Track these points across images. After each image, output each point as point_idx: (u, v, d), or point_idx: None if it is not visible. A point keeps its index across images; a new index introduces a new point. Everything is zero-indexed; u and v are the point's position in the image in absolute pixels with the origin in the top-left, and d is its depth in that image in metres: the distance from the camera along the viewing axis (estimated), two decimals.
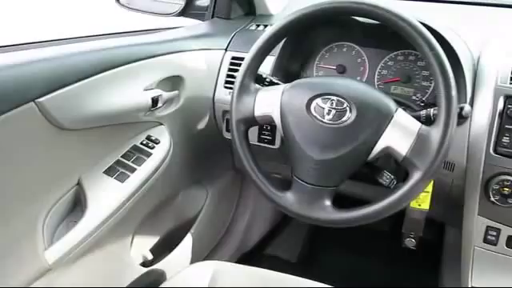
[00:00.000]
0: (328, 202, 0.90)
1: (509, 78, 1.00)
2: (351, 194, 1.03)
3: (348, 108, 0.89)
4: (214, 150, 1.41)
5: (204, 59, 1.26)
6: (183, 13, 1.44)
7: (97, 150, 1.06)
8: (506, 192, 0.98)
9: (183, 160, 1.28)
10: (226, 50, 1.28)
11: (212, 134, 1.32)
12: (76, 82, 0.91)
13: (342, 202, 0.92)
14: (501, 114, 0.99)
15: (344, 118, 0.88)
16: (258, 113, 0.96)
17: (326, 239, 1.83)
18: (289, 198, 0.93)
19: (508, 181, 0.98)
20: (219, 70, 1.26)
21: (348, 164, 0.90)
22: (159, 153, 1.15)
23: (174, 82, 1.18)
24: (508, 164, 0.98)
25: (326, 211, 0.90)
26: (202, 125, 1.30)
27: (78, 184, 1.02)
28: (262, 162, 0.99)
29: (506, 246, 1.03)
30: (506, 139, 0.98)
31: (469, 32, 1.14)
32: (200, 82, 1.25)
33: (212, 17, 1.47)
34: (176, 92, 1.20)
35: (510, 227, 1.02)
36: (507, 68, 1.01)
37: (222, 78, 1.26)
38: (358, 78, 1.22)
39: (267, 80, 1.04)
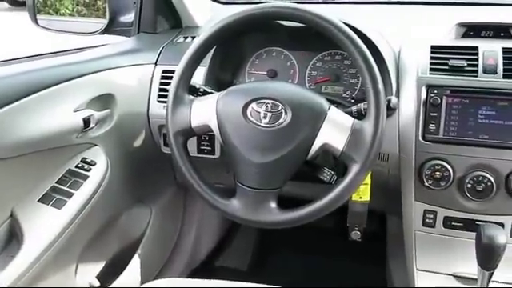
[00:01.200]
0: (273, 204, 0.91)
1: (428, 69, 1.06)
2: (296, 195, 1.05)
3: (283, 110, 0.90)
4: (153, 167, 1.38)
5: (134, 75, 1.24)
6: (107, 30, 1.41)
7: (29, 177, 1.00)
8: (437, 176, 1.04)
9: (122, 180, 1.24)
10: (155, 64, 1.26)
11: (150, 151, 1.29)
12: (0, 107, 0.86)
13: (288, 203, 0.93)
14: (425, 103, 1.05)
15: (280, 120, 0.90)
16: (194, 123, 0.96)
17: (276, 242, 1.85)
18: (234, 205, 0.93)
19: (438, 165, 1.03)
20: (151, 84, 1.24)
21: (289, 164, 0.91)
22: (96, 175, 1.11)
23: (105, 100, 1.15)
24: (436, 149, 1.04)
25: (272, 213, 0.91)
26: (138, 142, 1.28)
27: (12, 216, 0.97)
28: (204, 173, 0.98)
29: (444, 226, 1.09)
30: (432, 126, 1.04)
31: (388, 29, 1.20)
32: (132, 98, 1.23)
33: (138, 32, 1.45)
34: (108, 111, 1.16)
35: (445, 208, 1.08)
36: (425, 60, 1.08)
37: (155, 92, 1.24)
38: (290, 81, 1.25)
39: (201, 90, 1.04)
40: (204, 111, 0.96)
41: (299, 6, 0.91)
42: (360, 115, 0.94)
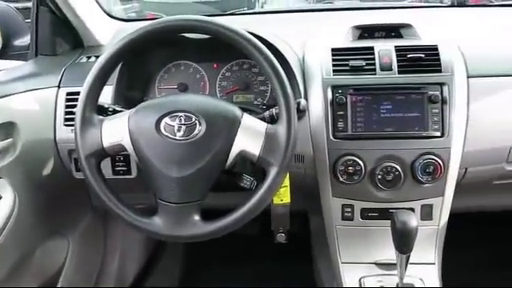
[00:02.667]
0: (197, 217, 0.90)
1: (331, 71, 1.12)
2: (219, 205, 1.05)
3: (197, 122, 0.90)
4: (67, 194, 1.31)
5: (35, 100, 1.17)
6: (0, 55, 1.32)
7: None
8: (350, 171, 1.09)
9: (33, 212, 1.17)
10: (58, 86, 1.20)
11: (61, 178, 1.23)
12: None
13: (213, 215, 0.93)
14: (332, 103, 1.10)
15: (195, 132, 0.90)
16: (107, 143, 0.92)
17: (204, 255, 1.83)
18: (157, 222, 0.91)
19: (350, 160, 1.09)
20: (55, 108, 1.18)
21: (208, 175, 0.91)
22: (3, 210, 1.03)
23: (5, 129, 1.07)
24: (347, 145, 1.10)
25: (197, 226, 0.90)
26: (47, 170, 1.20)
27: None
28: (122, 196, 0.95)
29: (361, 218, 1.15)
30: (340, 124, 1.10)
31: (291, 36, 1.25)
32: (36, 124, 1.16)
33: (36, 55, 1.37)
34: (10, 140, 1.09)
35: (361, 201, 1.14)
36: (328, 62, 1.13)
37: (61, 116, 1.18)
38: (201, 93, 1.25)
39: (110, 109, 1.01)
40: (115, 130, 0.93)
41: (203, 18, 0.92)
42: (273, 120, 0.96)
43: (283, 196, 1.11)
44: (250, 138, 0.90)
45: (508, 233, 1.75)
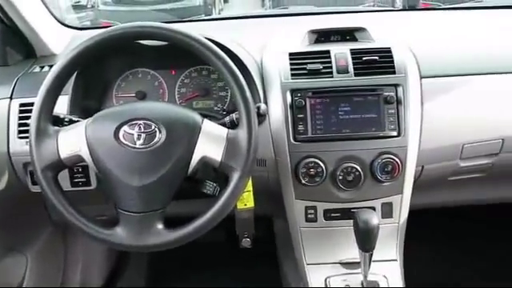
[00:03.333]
0: (160, 225, 0.89)
1: (289, 75, 1.13)
2: (183, 213, 1.04)
3: (157, 129, 0.89)
4: (23, 209, 1.26)
5: None
6: None
7: None
8: (312, 172, 1.11)
9: None
10: (10, 98, 1.16)
11: (17, 192, 1.18)
12: None
13: (177, 224, 0.92)
14: (291, 106, 1.11)
15: (155, 140, 0.89)
16: (64, 155, 0.90)
17: (169, 264, 1.81)
18: (119, 233, 0.89)
19: (311, 162, 1.10)
20: (8, 120, 1.14)
21: (170, 183, 0.90)
22: None
23: None
24: (307, 148, 1.11)
25: (161, 235, 0.89)
26: (1, 184, 1.16)
27: None
28: (82, 208, 0.93)
29: (324, 219, 1.17)
30: (301, 127, 1.11)
31: (248, 41, 1.26)
32: None
33: None
34: None
35: (323, 202, 1.16)
36: (286, 66, 1.15)
37: (14, 128, 1.14)
38: (160, 101, 1.24)
39: (66, 120, 0.99)
40: (72, 141, 0.90)
41: (160, 25, 0.91)
42: (233, 125, 0.96)
43: (247, 201, 1.11)
44: (211, 143, 0.90)
45: (467, 227, 1.82)
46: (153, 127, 0.89)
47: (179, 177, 0.90)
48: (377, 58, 1.14)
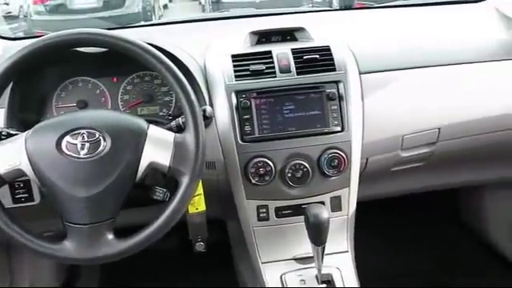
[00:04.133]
0: (110, 236, 0.87)
1: (233, 76, 1.14)
2: (135, 222, 1.02)
3: (101, 137, 0.88)
4: None
5: None
6: None
7: None
8: (261, 172, 1.12)
9: None
10: None
11: None
12: None
13: (129, 233, 0.90)
14: (237, 108, 1.12)
15: (100, 148, 0.87)
16: (2, 170, 0.86)
17: (123, 274, 1.76)
18: (67, 247, 0.86)
19: (260, 162, 1.11)
20: None
21: (118, 191, 0.88)
22: None
23: None
24: (256, 148, 1.12)
25: (111, 245, 0.87)
26: None
27: None
28: (27, 225, 0.89)
29: (276, 217, 1.18)
30: (247, 128, 1.12)
31: (190, 45, 1.25)
32: None
33: None
34: None
35: (274, 200, 1.17)
36: (229, 68, 1.16)
37: None
38: (103, 109, 1.21)
39: (3, 133, 0.95)
40: (12, 155, 0.87)
41: (99, 31, 0.90)
42: (180, 129, 0.96)
43: (198, 204, 1.11)
44: (158, 148, 0.89)
45: (412, 215, 1.90)
46: (97, 136, 0.87)
47: (127, 185, 0.89)
48: (317, 56, 1.17)
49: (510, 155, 1.47)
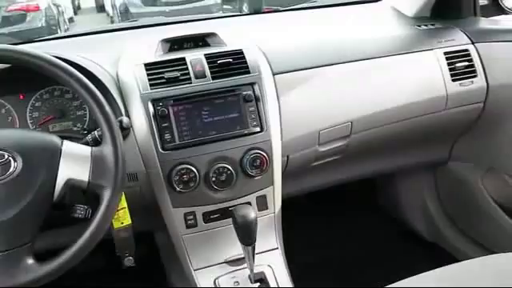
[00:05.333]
0: (30, 260, 0.83)
1: (148, 85, 1.13)
2: (59, 244, 0.98)
3: (11, 158, 0.83)
4: None
5: None
6: None
7: None
8: (185, 179, 1.11)
9: None
10: None
11: None
12: None
13: (51, 255, 0.86)
14: (155, 116, 1.11)
15: (11, 170, 0.82)
16: None
17: None
18: None
19: (183, 169, 1.11)
20: None
21: (35, 213, 0.84)
22: None
23: None
24: (178, 155, 1.11)
25: (31, 270, 0.83)
26: None
27: None
28: None
29: (204, 222, 1.18)
30: (167, 136, 1.11)
31: (100, 56, 1.22)
32: None
33: None
34: None
35: (201, 206, 1.17)
36: (143, 77, 1.14)
37: None
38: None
39: None
40: None
41: (1, 46, 0.85)
42: (97, 143, 0.93)
43: (123, 218, 1.08)
44: (75, 164, 0.86)
45: (335, 208, 1.99)
46: (6, 156, 0.83)
47: (45, 205, 0.85)
48: (231, 60, 1.19)
49: (419, 141, 1.58)
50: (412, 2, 1.61)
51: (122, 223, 1.08)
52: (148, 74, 1.14)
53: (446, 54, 1.42)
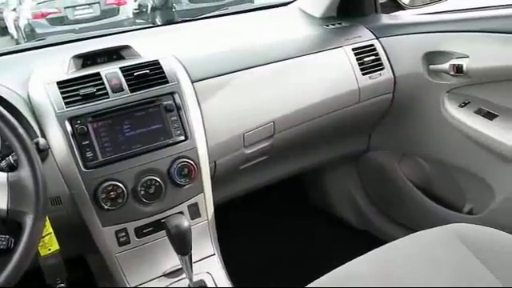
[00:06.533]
0: None
1: (63, 104, 1.09)
2: None
3: None
4: None
5: None
6: None
7: None
8: (113, 195, 1.08)
9: None
10: None
11: None
12: None
13: None
14: (74, 135, 1.07)
15: None
16: None
17: None
18: None
19: (109, 186, 1.08)
20: None
21: None
22: None
23: None
24: (102, 173, 1.08)
25: None
26: None
27: None
28: None
29: (137, 237, 1.16)
30: (89, 154, 1.08)
31: (7, 78, 1.16)
32: None
33: None
34: None
35: (132, 221, 1.14)
36: (57, 96, 1.09)
37: None
38: None
39: None
40: None
41: None
42: (13, 168, 0.89)
43: (50, 245, 1.03)
44: None
45: (272, 207, 2.03)
46: None
47: None
48: (147, 71, 1.18)
49: (339, 135, 1.66)
50: (318, 3, 1.69)
51: (50, 250, 1.03)
52: (62, 93, 1.10)
53: (354, 50, 1.51)
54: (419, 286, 0.95)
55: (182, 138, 1.17)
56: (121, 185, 1.09)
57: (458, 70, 1.36)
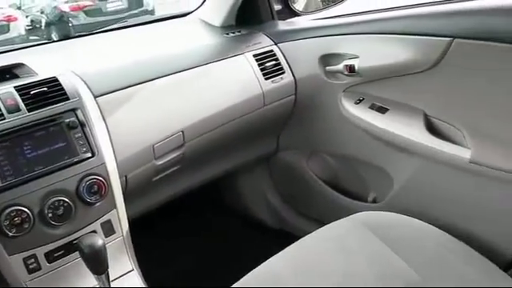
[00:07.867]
0: None
1: None
2: None
3: None
4: None
5: None
6: None
7: None
8: (17, 221, 1.03)
9: None
10: None
11: None
12: None
13: None
14: None
15: None
16: None
17: None
18: None
19: (13, 211, 1.02)
20: None
21: None
22: None
23: None
24: (3, 198, 1.02)
25: None
26: None
27: None
28: None
29: (49, 262, 1.10)
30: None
31: None
32: None
33: None
34: None
35: (42, 246, 1.08)
36: None
37: None
38: None
39: None
40: None
41: None
42: None
43: None
44: None
45: (190, 215, 2.02)
46: None
47: None
48: (45, 89, 1.13)
49: (248, 139, 1.71)
50: (217, 12, 1.73)
51: None
52: None
53: (254, 56, 1.57)
54: (336, 276, 1.02)
55: (89, 154, 1.14)
56: (25, 209, 1.04)
57: (351, 69, 1.46)
